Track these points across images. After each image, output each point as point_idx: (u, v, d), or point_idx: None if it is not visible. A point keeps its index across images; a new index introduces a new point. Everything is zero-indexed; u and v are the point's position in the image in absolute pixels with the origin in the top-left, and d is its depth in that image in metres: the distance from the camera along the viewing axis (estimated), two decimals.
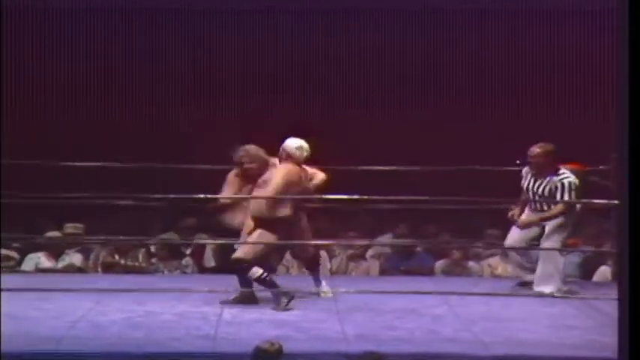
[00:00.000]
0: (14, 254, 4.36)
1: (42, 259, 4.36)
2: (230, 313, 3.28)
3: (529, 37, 5.12)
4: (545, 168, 3.64)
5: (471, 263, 4.57)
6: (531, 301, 3.56)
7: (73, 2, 5.02)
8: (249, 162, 3.37)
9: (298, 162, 3.41)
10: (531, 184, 3.68)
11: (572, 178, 3.63)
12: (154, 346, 2.80)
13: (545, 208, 3.65)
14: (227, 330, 3.04)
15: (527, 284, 3.76)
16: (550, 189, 3.63)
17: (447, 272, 4.49)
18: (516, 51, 5.13)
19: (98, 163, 3.57)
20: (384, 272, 4.50)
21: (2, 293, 3.15)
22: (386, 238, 4.68)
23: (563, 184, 3.61)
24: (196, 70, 5.17)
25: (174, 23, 5.11)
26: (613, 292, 2.06)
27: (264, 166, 3.39)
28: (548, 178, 3.64)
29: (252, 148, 3.41)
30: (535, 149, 3.66)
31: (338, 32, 5.09)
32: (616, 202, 2.07)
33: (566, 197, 3.60)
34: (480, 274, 4.53)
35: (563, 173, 3.65)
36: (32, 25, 5.03)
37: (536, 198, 3.65)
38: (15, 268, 4.32)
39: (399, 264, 4.49)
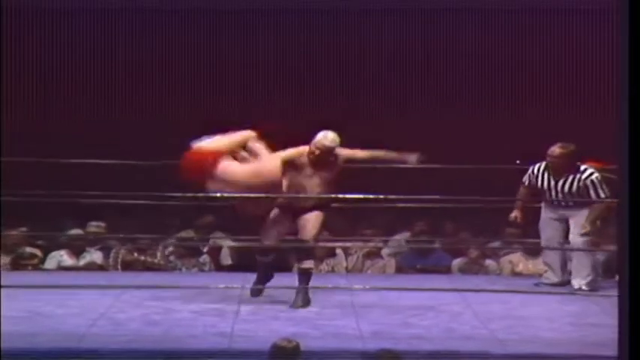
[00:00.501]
0: (38, 252, 4.44)
1: (64, 257, 4.43)
2: (246, 310, 3.31)
3: (532, 35, 5.09)
4: (566, 168, 3.64)
5: (488, 261, 4.54)
6: (552, 298, 3.53)
7: (73, 2, 5.03)
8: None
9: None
10: (552, 184, 3.68)
11: (598, 174, 3.64)
12: (172, 343, 2.83)
13: (571, 204, 3.66)
14: (243, 327, 3.06)
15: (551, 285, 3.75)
16: (579, 187, 3.64)
17: (464, 270, 4.47)
18: (534, 49, 5.09)
19: (117, 161, 3.63)
20: (400, 270, 4.50)
21: (25, 290, 3.22)
22: (403, 237, 4.68)
23: (593, 182, 3.63)
24: (207, 68, 5.19)
25: (181, 23, 5.13)
26: None
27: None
28: (571, 177, 3.65)
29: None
30: (556, 149, 3.66)
31: (340, 31, 5.08)
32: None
33: (601, 193, 3.62)
34: (498, 272, 4.51)
35: (587, 170, 3.65)
36: (32, 25, 5.05)
37: (559, 197, 3.65)
38: (39, 265, 4.39)
39: (416, 262, 4.49)
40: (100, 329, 2.99)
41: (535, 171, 3.74)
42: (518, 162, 3.77)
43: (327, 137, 3.38)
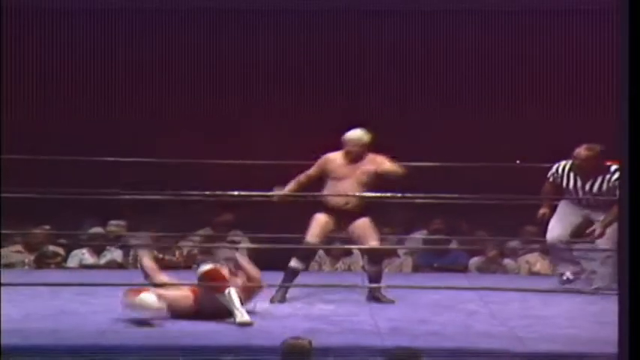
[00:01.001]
0: (61, 251, 4.50)
1: (86, 256, 4.50)
2: (263, 307, 3.33)
3: (532, 36, 5.07)
4: (594, 170, 3.57)
5: (506, 260, 4.52)
6: (572, 298, 3.51)
7: (73, 2, 5.02)
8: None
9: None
10: (579, 184, 3.60)
11: None
12: (191, 339, 2.86)
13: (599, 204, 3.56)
14: (261, 323, 3.09)
15: (570, 281, 3.71)
16: (608, 189, 3.56)
17: (481, 269, 4.46)
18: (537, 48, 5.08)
19: (134, 159, 3.67)
20: (417, 269, 4.50)
21: (49, 288, 3.29)
22: (420, 235, 4.67)
23: None
24: (207, 68, 5.15)
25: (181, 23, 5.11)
26: None
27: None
28: (600, 178, 3.58)
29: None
30: (582, 152, 3.57)
31: (340, 31, 5.08)
32: None
33: None
34: (517, 271, 4.48)
35: (617, 171, 3.55)
36: (32, 25, 5.03)
37: (588, 197, 3.56)
38: (61, 264, 4.46)
39: (433, 261, 4.48)
40: (120, 326, 3.03)
41: (560, 170, 3.65)
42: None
43: (347, 136, 3.58)
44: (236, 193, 3.30)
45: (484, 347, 2.82)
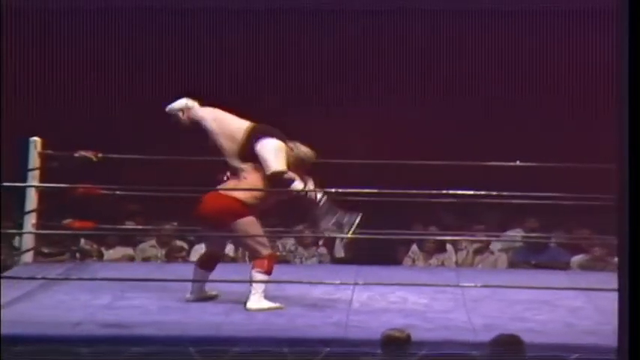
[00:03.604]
0: (185, 245, 4.78)
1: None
2: (359, 301, 3.44)
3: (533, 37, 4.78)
4: None
5: (615, 259, 4.33)
6: None
7: (73, 2, 5.08)
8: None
9: None
10: None
11: None
12: (295, 332, 3.01)
13: None
14: (356, 318, 3.20)
15: None
16: None
17: (585, 267, 4.32)
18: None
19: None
20: (513, 266, 4.44)
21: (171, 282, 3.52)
22: (515, 233, 4.60)
23: None
24: (208, 68, 5.15)
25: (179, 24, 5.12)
26: None
27: None
28: None
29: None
30: None
31: (340, 31, 4.96)
32: None
33: None
34: None
35: None
36: (33, 24, 5.11)
37: None
38: (185, 258, 4.74)
39: (530, 258, 4.41)
40: (234, 318, 3.21)
41: None
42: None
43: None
44: (333, 190, 3.39)
45: (585, 343, 2.76)
